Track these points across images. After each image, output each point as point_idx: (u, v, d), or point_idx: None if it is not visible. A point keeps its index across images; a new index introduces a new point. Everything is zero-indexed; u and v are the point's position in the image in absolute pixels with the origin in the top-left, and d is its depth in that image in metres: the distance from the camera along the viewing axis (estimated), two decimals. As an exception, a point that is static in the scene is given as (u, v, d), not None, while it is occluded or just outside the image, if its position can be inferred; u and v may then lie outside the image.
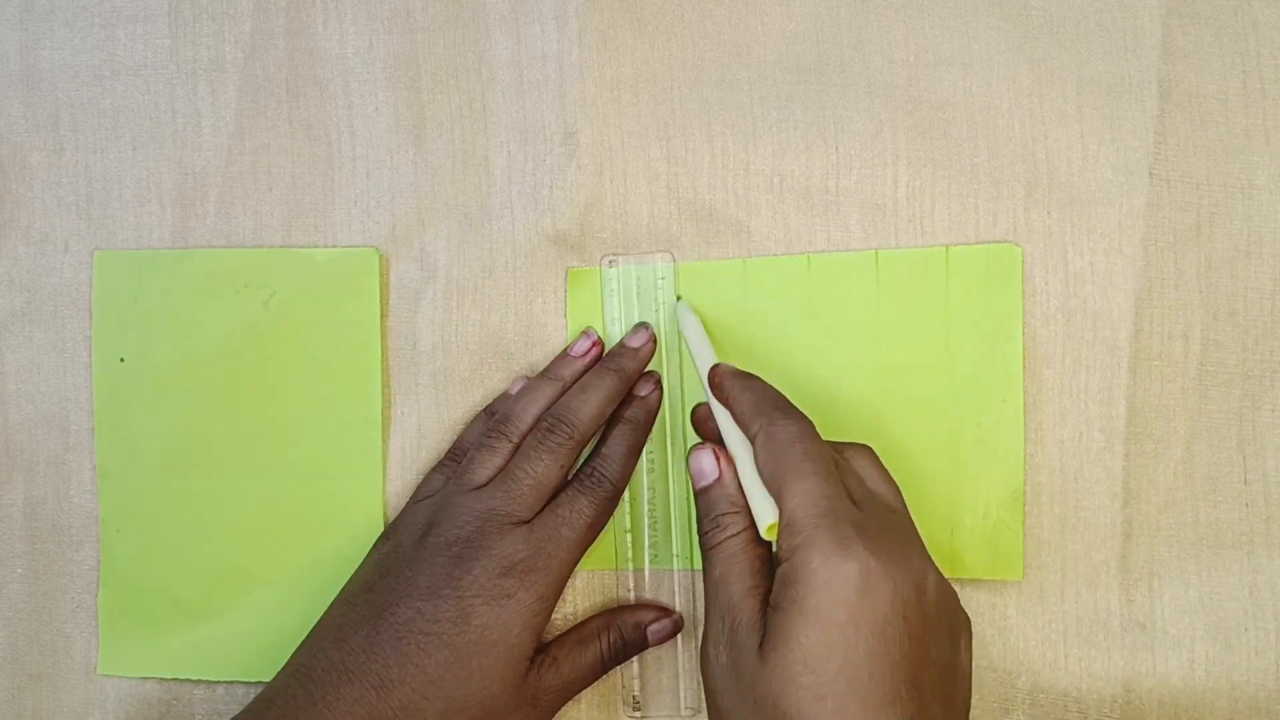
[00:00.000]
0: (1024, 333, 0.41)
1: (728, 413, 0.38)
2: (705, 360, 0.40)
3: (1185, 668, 0.40)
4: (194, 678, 0.43)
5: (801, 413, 0.36)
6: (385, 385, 0.43)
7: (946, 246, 0.41)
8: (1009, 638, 0.41)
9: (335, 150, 0.43)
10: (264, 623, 0.42)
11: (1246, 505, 0.41)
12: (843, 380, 0.41)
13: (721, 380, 0.38)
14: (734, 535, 0.35)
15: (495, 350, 0.43)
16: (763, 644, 0.32)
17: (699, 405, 0.41)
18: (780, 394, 0.38)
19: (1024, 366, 0.41)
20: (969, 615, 0.36)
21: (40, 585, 0.44)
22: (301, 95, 0.44)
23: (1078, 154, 0.41)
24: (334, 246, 0.43)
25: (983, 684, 0.41)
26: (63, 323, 0.44)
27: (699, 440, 0.41)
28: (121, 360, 0.43)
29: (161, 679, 0.43)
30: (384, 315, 0.43)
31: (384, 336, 0.43)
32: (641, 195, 0.42)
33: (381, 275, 0.43)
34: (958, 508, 0.41)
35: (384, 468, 0.43)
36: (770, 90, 0.42)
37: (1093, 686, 0.41)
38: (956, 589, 0.41)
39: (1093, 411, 0.41)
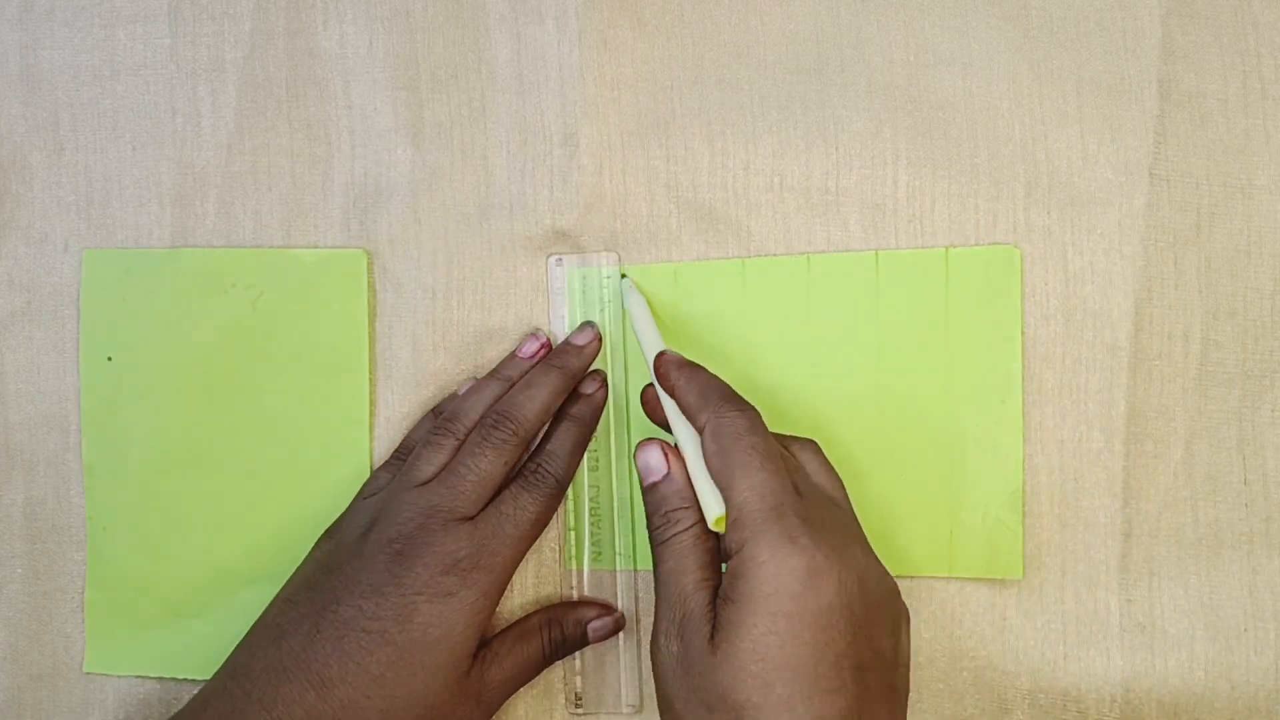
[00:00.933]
0: (1023, 333, 0.41)
1: (674, 402, 0.38)
2: (652, 345, 0.39)
3: (1185, 668, 0.40)
4: (180, 676, 0.43)
5: (748, 403, 0.36)
6: (373, 385, 0.43)
7: (946, 248, 0.41)
8: (1009, 638, 0.41)
9: (335, 150, 0.43)
10: (251, 622, 0.42)
11: (1246, 505, 0.41)
12: (842, 380, 0.41)
13: (667, 370, 0.38)
14: (684, 530, 0.35)
15: (496, 350, 0.43)
16: (713, 635, 0.33)
17: (648, 386, 0.39)
18: (725, 384, 0.37)
19: (1024, 366, 0.41)
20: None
21: (40, 585, 0.44)
22: (301, 95, 0.44)
23: (1078, 154, 0.41)
24: (333, 247, 0.43)
25: (983, 684, 0.41)
26: (63, 323, 0.44)
27: (647, 423, 0.40)
28: (109, 359, 0.43)
29: (161, 679, 0.43)
30: (375, 316, 0.43)
31: (372, 338, 0.43)
32: (641, 195, 0.42)
33: (370, 276, 0.43)
34: (958, 508, 0.41)
35: (371, 467, 0.43)
36: (770, 90, 0.42)
37: (1092, 686, 0.41)
38: (956, 589, 0.41)
39: (1093, 411, 0.41)
